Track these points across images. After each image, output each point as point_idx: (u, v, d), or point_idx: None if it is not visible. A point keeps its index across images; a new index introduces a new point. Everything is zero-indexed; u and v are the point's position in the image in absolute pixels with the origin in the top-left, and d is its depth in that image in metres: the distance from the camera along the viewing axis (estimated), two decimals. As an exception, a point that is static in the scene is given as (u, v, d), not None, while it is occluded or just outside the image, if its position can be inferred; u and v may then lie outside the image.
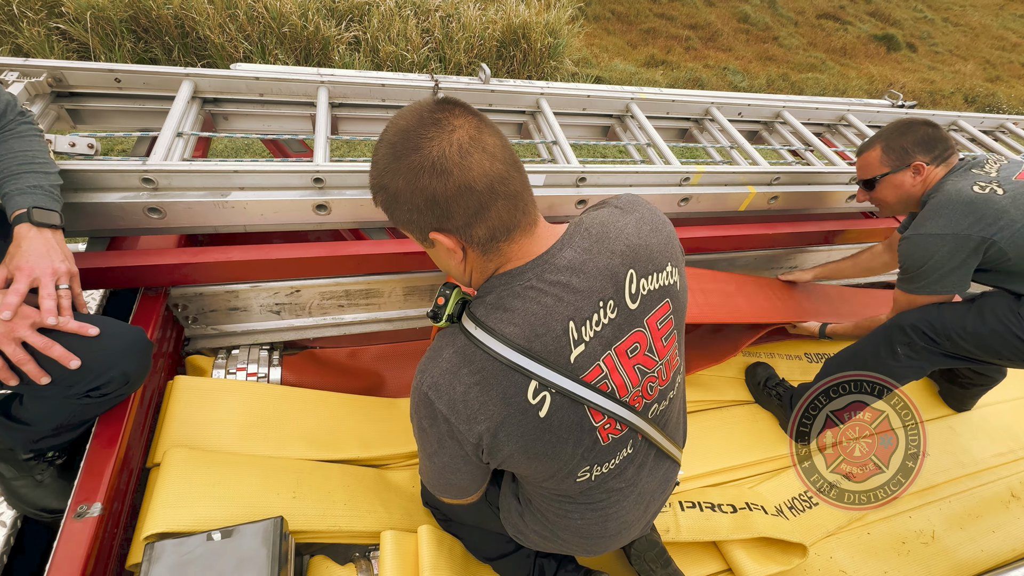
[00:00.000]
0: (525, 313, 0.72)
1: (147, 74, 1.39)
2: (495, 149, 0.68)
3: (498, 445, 0.74)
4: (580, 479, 0.85)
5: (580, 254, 0.74)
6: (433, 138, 0.65)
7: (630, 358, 0.78)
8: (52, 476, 1.13)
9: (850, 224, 1.84)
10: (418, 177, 0.65)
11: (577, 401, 0.75)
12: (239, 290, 1.35)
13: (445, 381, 0.73)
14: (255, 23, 4.93)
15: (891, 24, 9.47)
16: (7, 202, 0.96)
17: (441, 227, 0.70)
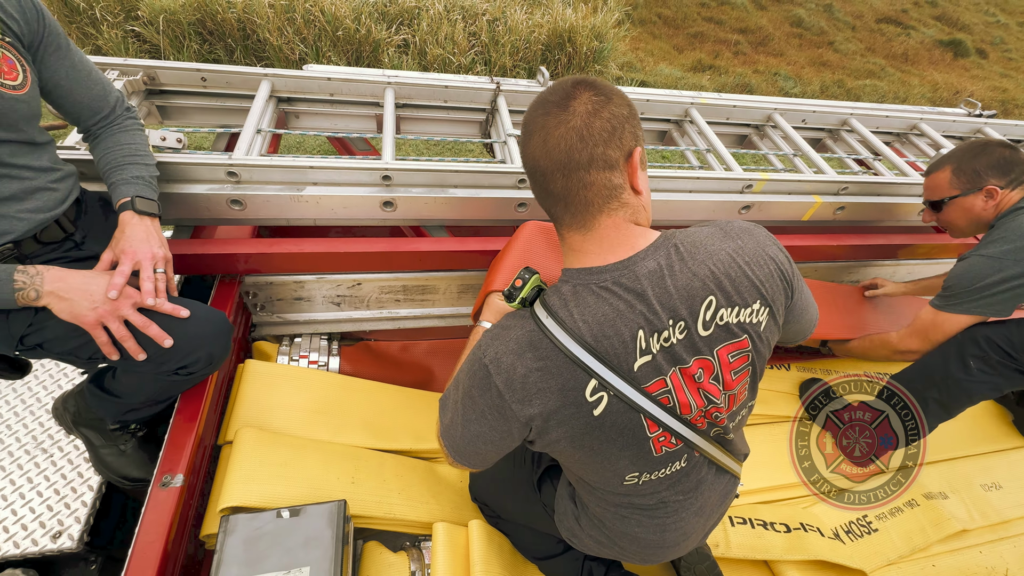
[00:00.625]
0: (596, 312, 0.72)
1: (230, 74, 1.47)
2: (554, 147, 0.71)
3: (548, 429, 0.76)
4: (628, 482, 0.84)
5: (662, 268, 0.73)
6: (532, 120, 0.74)
7: (696, 383, 0.77)
8: (134, 447, 1.21)
9: (921, 238, 1.75)
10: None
11: (634, 408, 0.74)
12: (306, 281, 1.41)
13: (508, 360, 0.74)
14: (311, 26, 5.13)
15: (959, 29, 8.96)
16: (113, 190, 1.03)
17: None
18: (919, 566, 1.46)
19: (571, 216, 0.74)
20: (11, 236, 0.90)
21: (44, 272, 0.88)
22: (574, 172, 0.70)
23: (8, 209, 0.90)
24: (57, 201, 0.97)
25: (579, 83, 0.71)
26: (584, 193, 0.71)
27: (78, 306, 0.88)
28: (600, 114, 0.70)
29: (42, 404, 1.31)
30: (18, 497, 1.15)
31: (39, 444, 1.24)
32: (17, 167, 0.90)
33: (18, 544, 1.09)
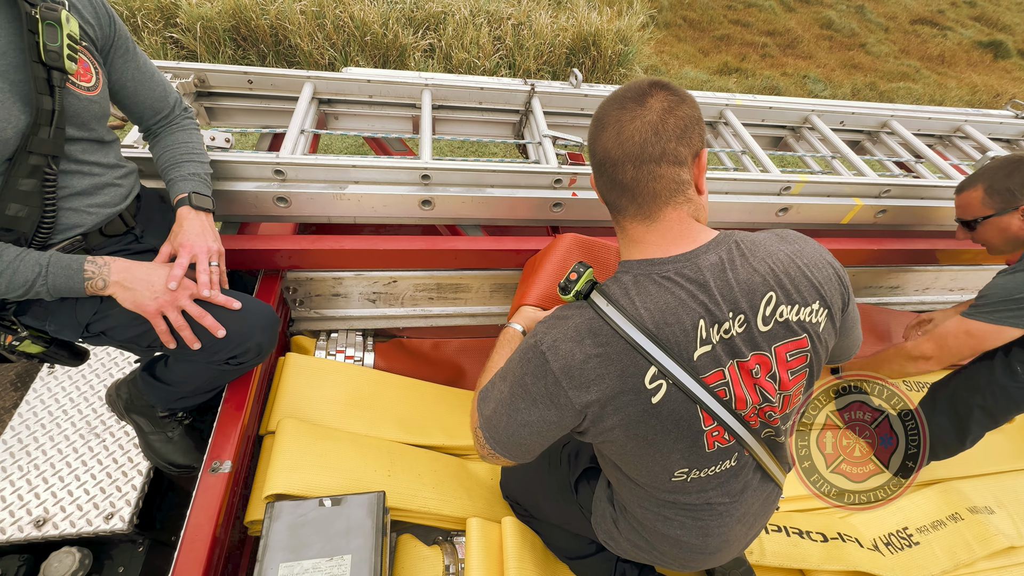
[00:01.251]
0: (658, 300, 0.73)
1: (275, 76, 1.52)
2: (628, 139, 0.72)
3: (604, 416, 0.75)
4: (676, 478, 0.83)
5: (724, 262, 0.74)
6: (606, 113, 0.76)
7: (753, 378, 0.77)
8: (180, 435, 1.26)
9: (966, 244, 1.70)
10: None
11: (691, 399, 0.74)
12: (344, 277, 1.44)
13: (566, 346, 0.74)
14: (340, 32, 5.25)
15: (999, 29, 8.66)
16: (171, 186, 1.08)
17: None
18: (964, 582, 1.41)
19: (636, 207, 0.76)
20: (80, 229, 0.95)
21: (111, 263, 0.93)
22: (645, 164, 0.72)
23: (80, 203, 0.94)
24: (121, 196, 1.02)
25: (655, 83, 0.74)
26: (653, 185, 0.73)
27: (141, 296, 0.93)
28: (674, 112, 0.72)
29: (95, 392, 1.37)
30: (74, 479, 1.21)
31: (92, 429, 1.30)
32: (88, 163, 0.95)
33: (74, 523, 1.14)
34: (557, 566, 1.29)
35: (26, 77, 0.82)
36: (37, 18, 0.81)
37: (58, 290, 0.89)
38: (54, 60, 0.83)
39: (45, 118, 0.84)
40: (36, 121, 0.83)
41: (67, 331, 0.98)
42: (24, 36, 0.81)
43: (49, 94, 0.84)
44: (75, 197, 0.94)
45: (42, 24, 0.82)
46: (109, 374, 1.41)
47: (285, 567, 0.95)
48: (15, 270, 0.85)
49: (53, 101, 0.84)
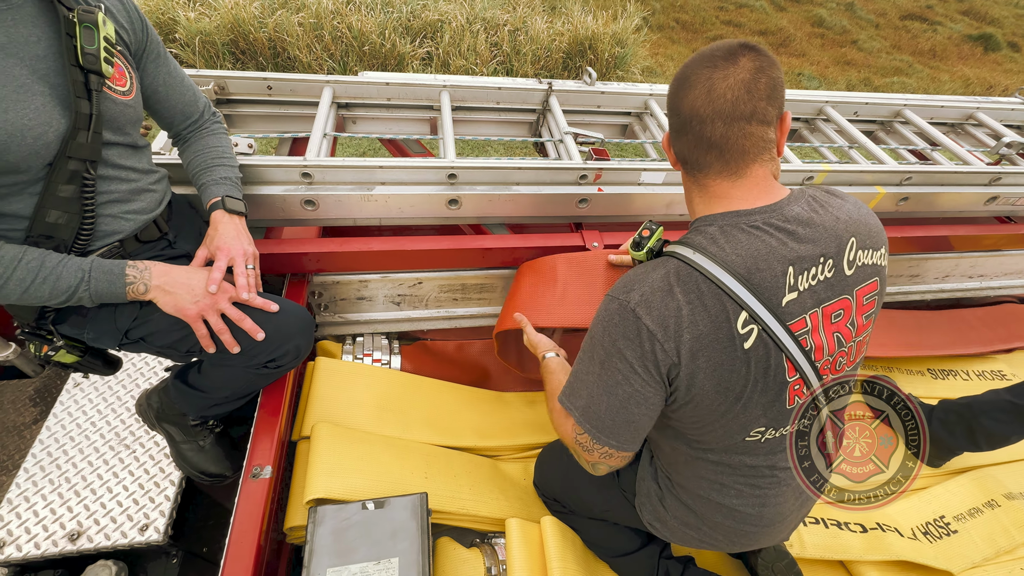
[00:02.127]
0: (748, 247, 0.74)
1: (294, 81, 1.51)
2: (720, 96, 0.72)
3: (697, 368, 0.74)
4: (751, 438, 0.82)
5: (808, 211, 0.77)
6: (697, 69, 0.74)
7: (833, 323, 0.78)
8: (212, 443, 1.24)
9: (986, 229, 1.70)
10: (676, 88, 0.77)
11: (779, 347, 0.75)
12: (370, 280, 1.43)
13: (657, 298, 0.74)
14: (338, 42, 5.27)
15: (988, 23, 8.76)
16: (203, 191, 1.07)
17: (669, 128, 0.82)
18: (1007, 569, 1.39)
19: (723, 163, 0.76)
20: (118, 236, 0.94)
21: (151, 267, 0.92)
22: (736, 121, 0.73)
23: (117, 209, 0.94)
24: (156, 202, 1.02)
25: (744, 44, 0.74)
26: (743, 142, 0.74)
27: (182, 299, 0.92)
28: (766, 72, 0.72)
29: (123, 403, 1.35)
30: (106, 492, 1.19)
31: (122, 440, 1.28)
32: (124, 168, 0.94)
33: (109, 536, 1.12)
34: (598, 565, 1.27)
35: (65, 81, 0.81)
36: (75, 21, 0.81)
37: (100, 295, 0.88)
38: (91, 63, 0.83)
39: (83, 122, 0.83)
40: (75, 125, 0.82)
41: (106, 338, 0.97)
42: (62, 39, 0.80)
43: (87, 98, 0.83)
44: (112, 203, 0.93)
45: (79, 27, 0.81)
46: (136, 385, 1.39)
47: (333, 572, 0.93)
48: (58, 276, 0.84)
49: (91, 105, 0.83)
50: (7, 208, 0.82)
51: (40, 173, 0.82)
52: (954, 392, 1.76)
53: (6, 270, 0.80)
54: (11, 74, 0.76)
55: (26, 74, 0.77)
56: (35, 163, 0.80)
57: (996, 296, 2.10)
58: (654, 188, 1.43)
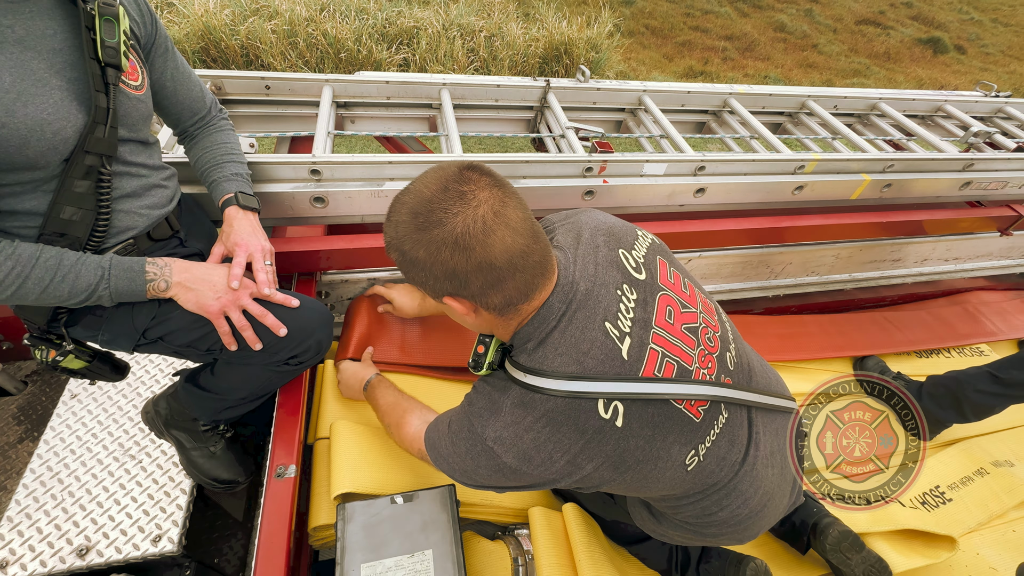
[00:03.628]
0: (565, 340, 0.73)
1: (293, 81, 1.50)
2: (518, 224, 0.67)
3: (585, 471, 0.75)
4: (690, 466, 0.82)
5: (580, 262, 0.78)
6: (457, 213, 0.64)
7: (672, 323, 0.80)
8: (223, 449, 1.21)
9: (961, 213, 1.81)
10: (440, 251, 0.65)
11: (647, 400, 0.75)
12: (378, 278, 1.42)
13: (510, 434, 0.73)
14: (313, 49, 5.21)
15: (936, 27, 9.28)
16: (214, 188, 1.05)
17: (456, 293, 0.71)
18: (999, 532, 1.47)
19: (543, 277, 0.73)
20: (132, 232, 0.92)
21: (171, 264, 0.90)
22: (537, 238, 0.71)
23: (130, 205, 0.91)
24: (167, 199, 0.99)
25: (471, 167, 0.72)
26: (546, 252, 0.73)
27: (203, 296, 0.90)
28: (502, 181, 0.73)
29: (124, 412, 1.30)
30: (114, 504, 1.14)
31: (127, 451, 1.23)
32: (136, 165, 0.91)
33: (120, 549, 1.08)
34: (618, 554, 1.28)
35: (82, 75, 0.79)
36: (94, 14, 0.79)
37: (120, 294, 0.85)
38: (111, 57, 0.81)
39: (101, 116, 0.81)
40: (94, 119, 0.80)
41: (122, 339, 0.94)
42: (82, 32, 0.78)
43: (104, 92, 0.81)
44: (126, 199, 0.90)
45: (100, 19, 0.79)
46: (137, 394, 1.34)
47: (367, 567, 0.92)
48: (77, 274, 0.81)
49: (108, 99, 0.81)
50: (22, 205, 0.79)
51: (57, 169, 0.79)
52: (939, 369, 1.85)
53: (24, 269, 0.77)
54: (29, 68, 0.73)
55: (44, 68, 0.75)
56: (53, 158, 0.77)
57: (969, 278, 2.22)
58: (656, 179, 1.47)
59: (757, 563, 1.11)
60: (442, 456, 0.84)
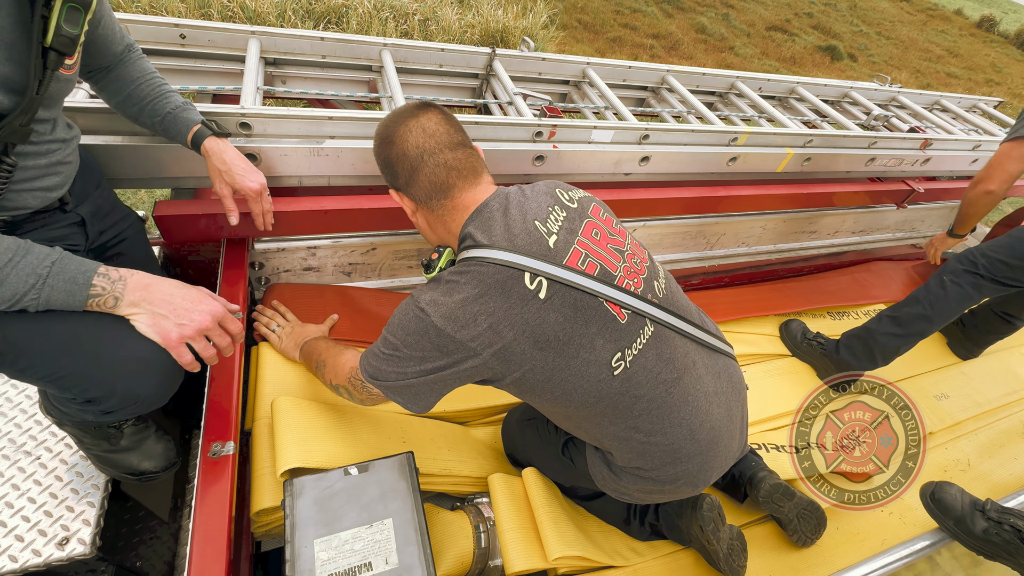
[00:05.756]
0: (499, 226, 0.86)
1: (212, 31, 1.35)
2: (433, 129, 0.89)
3: (506, 342, 0.81)
4: (617, 369, 0.86)
5: (517, 190, 0.93)
6: (399, 123, 0.91)
7: (597, 240, 0.90)
8: (130, 437, 1.05)
9: (863, 187, 2.00)
10: (379, 147, 0.94)
11: (567, 284, 0.83)
12: (320, 247, 1.33)
13: (443, 296, 0.82)
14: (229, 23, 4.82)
15: (832, 36, 10.27)
16: (171, 121, 0.95)
17: (395, 186, 0.95)
18: (905, 465, 1.65)
19: (464, 179, 0.91)
20: (19, 212, 0.78)
21: (128, 278, 0.76)
22: (457, 148, 0.91)
23: (27, 186, 0.78)
24: (67, 177, 0.86)
25: (426, 102, 0.95)
26: (473, 162, 0.92)
27: (164, 320, 0.76)
28: (450, 117, 0.94)
29: (15, 404, 1.11)
30: (4, 507, 0.97)
31: (20, 447, 1.05)
32: (48, 142, 0.79)
33: (15, 558, 0.92)
34: (578, 512, 1.29)
35: (22, 59, 0.66)
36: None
37: (50, 305, 0.70)
38: (65, 46, 0.69)
39: (27, 106, 0.68)
40: (21, 110, 0.67)
41: None
42: (35, 19, 0.65)
43: (40, 79, 0.69)
44: (24, 180, 0.76)
45: (63, 5, 0.67)
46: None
47: (321, 542, 0.85)
48: (3, 278, 0.66)
49: (40, 86, 0.69)
50: None
51: None
52: (850, 327, 2.05)
53: None
54: None
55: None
56: None
57: (870, 251, 2.48)
58: (604, 147, 1.49)
59: (711, 499, 1.16)
60: (369, 359, 0.90)
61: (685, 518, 1.18)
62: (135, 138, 1.07)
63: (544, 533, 1.11)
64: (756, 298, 2.04)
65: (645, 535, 1.27)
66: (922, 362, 2.05)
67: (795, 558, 1.35)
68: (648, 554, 1.26)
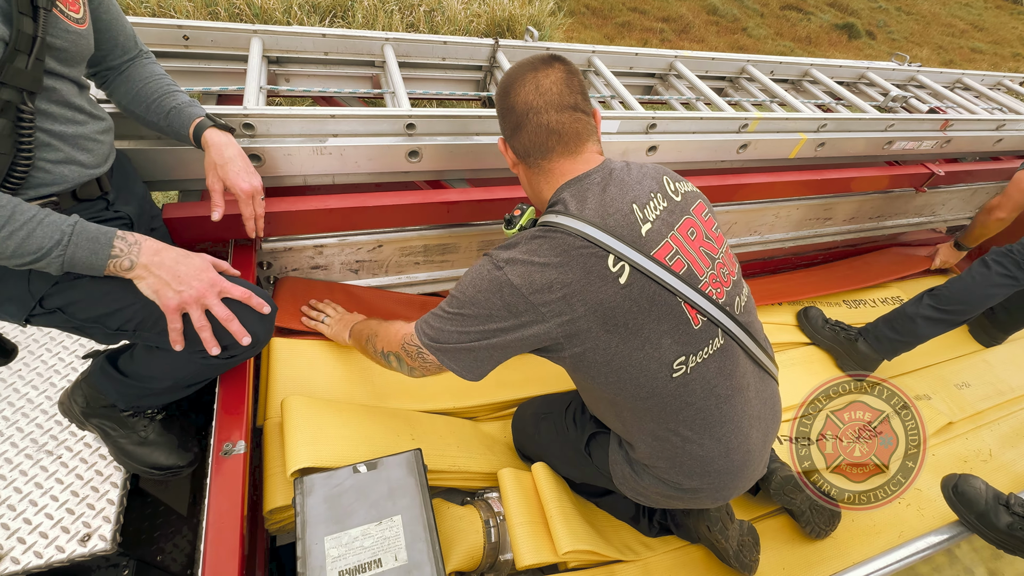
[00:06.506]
0: (595, 200, 0.85)
1: (215, 31, 1.35)
2: (547, 90, 0.87)
3: (576, 316, 0.80)
4: (677, 372, 0.85)
5: (624, 167, 0.91)
6: (519, 75, 0.90)
7: (692, 240, 0.89)
8: (157, 432, 1.09)
9: (881, 171, 1.94)
10: (497, 98, 0.94)
11: (651, 277, 0.82)
12: (326, 245, 1.33)
13: (523, 256, 0.82)
14: (236, 20, 4.83)
15: (849, 14, 9.95)
16: (176, 116, 0.96)
17: (503, 135, 0.96)
18: (919, 459, 1.62)
19: (563, 145, 0.89)
20: (56, 188, 0.79)
21: (142, 242, 0.79)
22: (565, 110, 0.88)
23: (60, 155, 0.80)
24: (103, 157, 0.87)
25: (555, 56, 0.91)
26: (576, 126, 0.89)
27: (165, 286, 0.80)
28: (576, 75, 0.91)
29: (36, 405, 1.14)
30: (29, 505, 1.00)
31: (42, 447, 1.09)
32: (72, 108, 0.81)
33: (40, 554, 0.95)
34: (588, 507, 1.29)
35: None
36: None
37: (75, 264, 0.74)
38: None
39: (25, 44, 0.69)
40: (15, 47, 0.67)
41: (11, 306, 0.81)
42: None
43: (31, 16, 0.69)
44: (54, 148, 0.78)
45: None
46: (50, 384, 1.18)
47: (331, 539, 0.86)
48: (30, 232, 0.69)
49: (36, 26, 0.69)
50: None
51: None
52: (866, 317, 2.01)
53: None
54: None
55: None
56: None
57: (888, 236, 2.41)
58: (610, 137, 1.47)
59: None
60: (429, 322, 0.90)
61: (692, 517, 1.17)
62: (141, 142, 1.09)
63: (554, 527, 1.11)
64: (770, 288, 2.01)
65: (654, 532, 1.27)
66: (943, 350, 2.01)
67: (809, 551, 1.34)
68: (658, 548, 1.25)
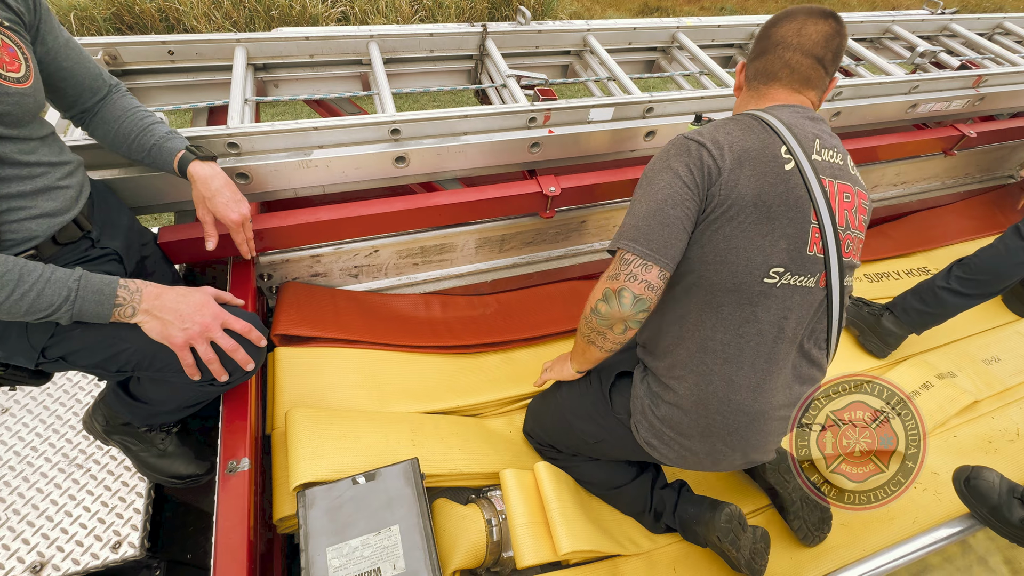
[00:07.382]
0: (788, 116, 0.94)
1: (199, 43, 1.35)
2: (806, 36, 0.93)
3: (740, 176, 0.87)
4: (769, 279, 0.89)
5: (824, 122, 0.99)
6: (794, 15, 0.96)
7: (845, 202, 0.93)
8: (175, 444, 1.16)
9: (906, 137, 1.81)
10: (768, 20, 1.01)
11: (807, 187, 0.88)
12: (323, 254, 1.35)
13: (708, 130, 0.92)
14: (240, 8, 4.78)
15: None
16: (157, 152, 0.98)
17: (748, 54, 1.05)
18: (942, 439, 1.57)
19: (791, 80, 0.97)
20: (34, 242, 0.82)
21: (143, 288, 0.83)
22: (809, 57, 0.94)
23: (24, 214, 0.80)
24: (72, 200, 0.88)
25: (835, 14, 0.95)
26: (810, 73, 0.96)
27: (170, 326, 0.84)
28: (842, 37, 0.95)
29: (64, 421, 1.23)
30: (64, 515, 1.09)
31: (72, 461, 1.17)
32: (27, 165, 0.81)
33: (78, 561, 1.04)
34: (592, 501, 1.31)
35: None
36: None
37: (83, 316, 0.78)
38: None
39: None
40: None
41: (19, 357, 0.86)
42: None
43: None
44: (16, 209, 0.79)
45: None
46: (76, 400, 1.26)
47: (333, 550, 0.91)
48: (39, 292, 0.73)
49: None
50: None
51: None
52: (889, 291, 1.92)
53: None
54: None
55: None
56: None
57: (912, 202, 2.27)
58: (604, 125, 1.41)
59: (732, 508, 1.13)
60: (623, 221, 0.94)
61: (703, 525, 1.16)
62: (130, 169, 1.11)
63: (555, 528, 1.14)
64: None
65: (660, 532, 1.27)
66: (972, 323, 1.90)
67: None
68: (661, 541, 1.27)
